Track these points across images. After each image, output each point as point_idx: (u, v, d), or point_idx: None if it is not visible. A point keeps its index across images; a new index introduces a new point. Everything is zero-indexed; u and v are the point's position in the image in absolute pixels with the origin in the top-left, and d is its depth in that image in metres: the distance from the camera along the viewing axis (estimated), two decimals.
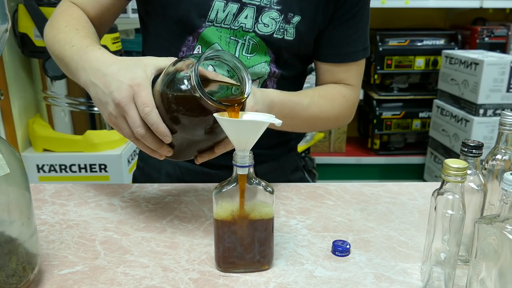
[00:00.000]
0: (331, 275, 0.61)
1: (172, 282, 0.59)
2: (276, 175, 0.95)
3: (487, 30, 2.69)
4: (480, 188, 0.59)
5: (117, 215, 0.77)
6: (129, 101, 0.59)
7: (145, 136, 0.61)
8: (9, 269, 0.53)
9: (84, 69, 0.66)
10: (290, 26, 0.82)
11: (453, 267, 0.55)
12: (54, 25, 0.79)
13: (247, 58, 0.84)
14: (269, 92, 0.77)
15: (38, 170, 1.62)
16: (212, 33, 0.82)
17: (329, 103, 0.87)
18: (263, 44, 0.83)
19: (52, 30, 0.78)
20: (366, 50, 0.90)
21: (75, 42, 0.71)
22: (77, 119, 1.64)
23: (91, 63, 0.65)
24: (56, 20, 0.80)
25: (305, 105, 0.82)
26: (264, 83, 0.87)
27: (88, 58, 0.66)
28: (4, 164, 0.51)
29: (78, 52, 0.68)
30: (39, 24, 1.49)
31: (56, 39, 0.75)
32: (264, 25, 0.82)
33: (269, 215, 0.60)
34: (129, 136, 0.63)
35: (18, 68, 1.61)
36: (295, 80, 0.93)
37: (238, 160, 0.57)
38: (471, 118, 2.34)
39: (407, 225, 0.75)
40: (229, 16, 0.81)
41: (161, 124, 0.59)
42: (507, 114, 0.61)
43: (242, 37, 0.82)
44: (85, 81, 0.66)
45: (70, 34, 0.74)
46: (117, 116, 0.62)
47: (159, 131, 0.59)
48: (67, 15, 0.80)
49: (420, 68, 2.76)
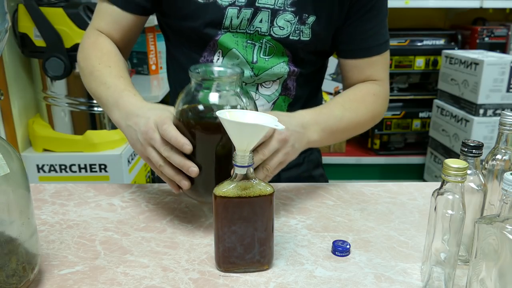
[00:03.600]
0: (331, 275, 0.61)
1: (172, 282, 0.59)
2: (300, 170, 0.97)
3: (487, 30, 2.69)
4: (480, 188, 0.59)
5: (117, 215, 0.77)
6: (154, 130, 0.66)
7: (170, 155, 0.65)
8: (9, 269, 0.53)
9: (119, 111, 0.74)
10: (305, 27, 0.83)
11: (453, 267, 0.55)
12: (88, 61, 0.84)
13: (266, 60, 0.85)
14: (298, 116, 0.76)
15: (38, 170, 1.62)
16: (229, 39, 0.84)
17: (362, 105, 0.86)
18: (279, 45, 0.84)
19: (87, 67, 0.84)
20: (387, 42, 0.90)
21: (110, 83, 0.78)
22: (77, 119, 1.63)
23: (126, 108, 0.73)
24: (89, 55, 0.85)
25: (339, 116, 0.81)
26: (285, 82, 0.88)
27: (124, 103, 0.74)
28: (4, 164, 0.51)
29: (113, 95, 0.76)
30: (39, 24, 1.49)
31: (93, 77, 0.82)
32: (279, 28, 0.83)
33: (269, 214, 0.60)
34: (157, 163, 0.67)
35: (18, 68, 1.60)
36: (314, 75, 0.93)
37: (238, 160, 0.57)
38: (471, 118, 2.33)
39: (407, 225, 0.75)
40: (244, 22, 0.82)
41: (180, 136, 0.63)
42: (507, 114, 0.61)
43: (258, 40, 0.84)
44: (119, 122, 0.75)
45: (105, 73, 0.81)
46: (145, 145, 0.67)
47: (178, 142, 0.63)
48: (98, 50, 0.85)
49: (420, 68, 2.76)
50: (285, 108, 0.91)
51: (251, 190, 0.58)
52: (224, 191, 0.58)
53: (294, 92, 0.90)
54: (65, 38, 1.50)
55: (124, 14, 0.86)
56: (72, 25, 1.50)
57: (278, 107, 0.91)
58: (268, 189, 0.59)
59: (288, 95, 0.90)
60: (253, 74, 0.86)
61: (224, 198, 0.58)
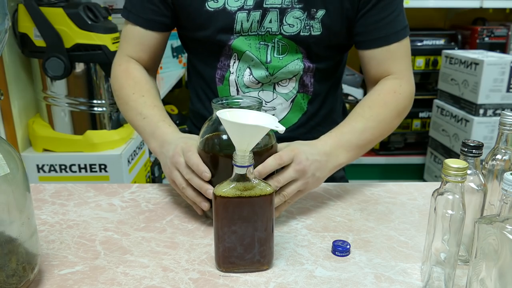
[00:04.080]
0: (331, 275, 0.61)
1: (172, 282, 0.59)
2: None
3: (487, 30, 2.69)
4: (480, 188, 0.59)
5: (117, 215, 0.77)
6: (180, 155, 0.71)
7: (191, 178, 0.69)
8: (9, 269, 0.53)
9: (155, 140, 0.80)
10: (315, 21, 0.83)
11: (453, 267, 0.55)
12: (123, 91, 0.90)
13: (280, 59, 0.87)
14: (320, 144, 0.76)
15: (38, 170, 1.62)
16: (242, 43, 0.86)
17: (383, 109, 0.84)
18: (292, 43, 0.85)
19: (123, 96, 0.89)
20: (406, 29, 0.87)
21: (145, 114, 0.84)
22: (77, 119, 1.63)
23: (161, 137, 0.79)
24: (123, 85, 0.90)
25: (361, 129, 0.80)
26: (301, 79, 0.89)
27: (159, 133, 0.80)
28: (4, 164, 0.51)
29: (150, 126, 0.82)
30: (39, 24, 1.49)
31: (128, 107, 0.88)
32: (289, 25, 0.84)
33: (269, 214, 0.60)
34: (180, 185, 0.72)
35: (18, 68, 1.60)
36: (332, 70, 0.93)
37: (238, 160, 0.57)
38: (471, 118, 2.33)
39: (407, 225, 0.75)
40: (254, 24, 0.84)
41: (201, 163, 0.68)
42: (507, 114, 0.61)
43: (270, 40, 0.85)
44: (155, 150, 0.81)
45: (140, 103, 0.86)
46: (172, 168, 0.73)
47: (199, 169, 0.67)
48: (130, 79, 0.90)
49: (420, 68, 2.75)
50: (305, 106, 0.92)
51: (251, 190, 0.58)
52: (224, 191, 0.58)
53: (312, 89, 0.91)
54: (65, 38, 1.50)
55: (148, 33, 0.90)
56: (72, 25, 1.50)
57: (297, 105, 0.91)
58: (268, 189, 0.59)
59: (306, 92, 0.91)
60: (269, 74, 0.87)
61: (224, 198, 0.58)
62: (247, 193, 0.58)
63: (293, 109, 0.91)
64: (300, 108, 0.92)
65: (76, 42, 1.50)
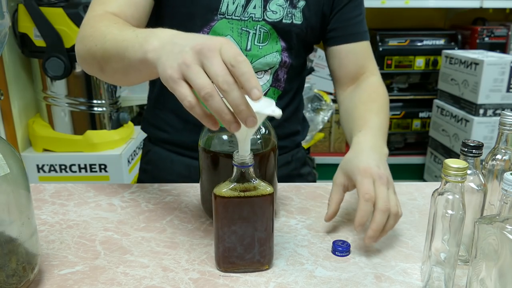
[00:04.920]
0: (331, 275, 0.61)
1: (172, 282, 0.59)
2: (290, 168, 0.98)
3: (487, 30, 2.69)
4: (480, 188, 0.59)
5: (117, 215, 0.77)
6: (215, 49, 0.51)
7: (232, 85, 0.49)
8: (9, 269, 0.53)
9: (157, 37, 0.57)
10: (296, 10, 0.86)
11: (453, 267, 0.55)
12: (97, 24, 0.71)
13: (259, 48, 0.87)
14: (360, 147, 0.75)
15: (38, 170, 1.62)
16: (224, 26, 0.85)
17: (382, 100, 0.89)
18: (273, 31, 0.87)
19: (97, 27, 0.71)
20: (368, 33, 0.95)
21: (135, 29, 0.65)
22: (77, 119, 1.63)
23: (170, 33, 0.57)
24: (96, 21, 0.73)
25: (378, 122, 0.82)
26: (276, 73, 0.90)
27: (162, 31, 0.58)
28: (4, 164, 0.51)
29: (144, 32, 0.61)
30: (39, 24, 1.49)
31: (109, 31, 0.68)
32: (272, 12, 0.85)
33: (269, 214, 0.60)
34: (205, 88, 0.50)
35: (18, 68, 1.60)
36: (301, 70, 0.96)
37: (238, 160, 0.57)
38: (471, 118, 2.33)
39: (407, 225, 0.75)
40: (239, 8, 0.84)
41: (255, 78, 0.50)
42: (507, 114, 0.61)
43: (253, 27, 0.86)
44: (156, 47, 0.56)
45: (126, 26, 0.69)
46: (192, 64, 0.51)
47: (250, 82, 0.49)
48: (109, 18, 0.73)
49: (420, 68, 2.76)
50: (275, 101, 0.92)
51: (251, 190, 0.58)
52: (224, 191, 0.58)
53: (283, 85, 0.92)
54: (65, 38, 1.50)
55: None
56: (72, 25, 1.50)
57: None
58: (268, 189, 0.59)
59: (278, 87, 0.92)
60: None
61: (224, 198, 0.58)
62: (247, 193, 0.58)
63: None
64: None
65: None
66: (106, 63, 0.69)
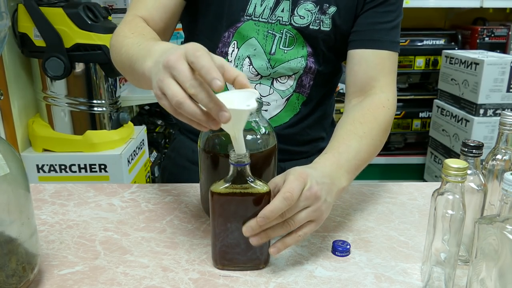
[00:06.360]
0: (331, 275, 0.61)
1: (172, 282, 0.59)
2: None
3: (487, 30, 2.68)
4: (480, 188, 0.59)
5: (117, 215, 0.77)
6: (180, 57, 0.53)
7: (197, 88, 0.51)
8: (9, 269, 0.53)
9: (151, 56, 0.62)
10: (326, 16, 0.84)
11: (453, 267, 0.55)
12: (120, 33, 0.78)
13: (284, 52, 0.86)
14: (319, 166, 0.67)
15: (38, 170, 1.62)
16: (250, 28, 0.85)
17: (375, 124, 0.79)
18: (300, 37, 0.85)
19: (118, 38, 0.78)
20: (398, 45, 0.87)
21: (141, 42, 0.70)
22: (77, 119, 1.63)
23: (160, 50, 0.61)
24: (122, 29, 0.80)
25: (357, 148, 0.73)
26: (300, 78, 0.88)
27: (157, 47, 0.63)
28: (4, 164, 0.51)
29: (145, 47, 0.66)
30: (39, 24, 1.49)
31: (124, 43, 0.74)
32: (300, 17, 0.84)
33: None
34: (175, 97, 0.52)
35: (18, 68, 1.60)
36: (330, 77, 0.93)
37: (234, 159, 0.57)
38: (471, 118, 2.33)
39: (407, 225, 0.75)
40: (266, 10, 0.84)
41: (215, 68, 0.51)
42: (507, 114, 0.61)
43: (279, 30, 0.85)
44: (150, 67, 0.61)
45: (137, 38, 0.73)
46: (164, 77, 0.53)
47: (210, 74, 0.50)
48: (132, 25, 0.80)
49: (420, 68, 2.76)
50: (299, 106, 0.91)
51: (247, 188, 0.58)
52: (221, 189, 0.58)
53: (308, 91, 0.90)
54: (65, 38, 1.50)
55: None
56: (72, 25, 1.50)
57: (291, 104, 0.91)
58: (264, 188, 0.59)
59: (302, 93, 0.90)
60: (269, 66, 0.87)
61: (221, 196, 0.58)
62: (243, 192, 0.58)
63: (287, 108, 0.91)
64: (293, 108, 0.91)
65: (76, 42, 1.50)
66: (125, 73, 0.76)
